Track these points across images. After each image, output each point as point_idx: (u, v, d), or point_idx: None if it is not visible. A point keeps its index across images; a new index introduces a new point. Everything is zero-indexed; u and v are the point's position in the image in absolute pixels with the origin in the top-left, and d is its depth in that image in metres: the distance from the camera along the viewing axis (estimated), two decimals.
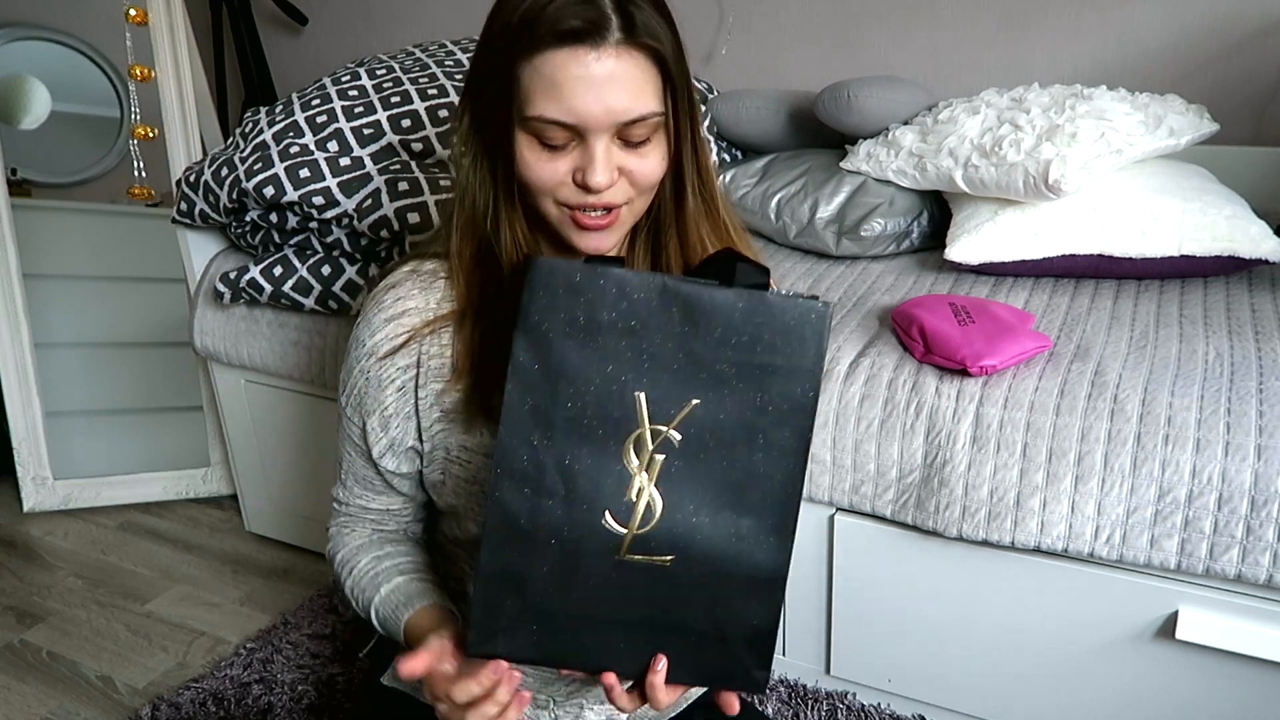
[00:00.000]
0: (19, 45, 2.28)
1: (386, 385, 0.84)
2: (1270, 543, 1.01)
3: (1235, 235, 1.34)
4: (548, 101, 0.72)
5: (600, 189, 0.74)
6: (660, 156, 0.77)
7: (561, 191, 0.76)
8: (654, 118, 0.74)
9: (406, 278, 0.85)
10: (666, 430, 0.70)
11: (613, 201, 0.76)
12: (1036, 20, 1.86)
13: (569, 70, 0.71)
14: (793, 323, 0.69)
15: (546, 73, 0.72)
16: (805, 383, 0.70)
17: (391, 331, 0.83)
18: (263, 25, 2.61)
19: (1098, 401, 1.09)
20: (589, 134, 0.73)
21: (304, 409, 1.64)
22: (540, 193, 0.77)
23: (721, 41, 2.16)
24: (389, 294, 0.85)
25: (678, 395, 0.69)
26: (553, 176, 0.75)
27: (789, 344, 0.69)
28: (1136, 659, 1.14)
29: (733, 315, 0.68)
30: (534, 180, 0.76)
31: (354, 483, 0.93)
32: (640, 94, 0.73)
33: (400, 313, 0.83)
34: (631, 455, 0.70)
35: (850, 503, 1.22)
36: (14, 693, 1.51)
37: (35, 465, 2.00)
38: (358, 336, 0.86)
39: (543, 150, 0.75)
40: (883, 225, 1.54)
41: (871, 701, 1.35)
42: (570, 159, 0.75)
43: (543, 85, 0.72)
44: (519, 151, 0.75)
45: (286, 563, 1.82)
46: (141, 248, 2.11)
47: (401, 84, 1.53)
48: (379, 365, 0.84)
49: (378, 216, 1.36)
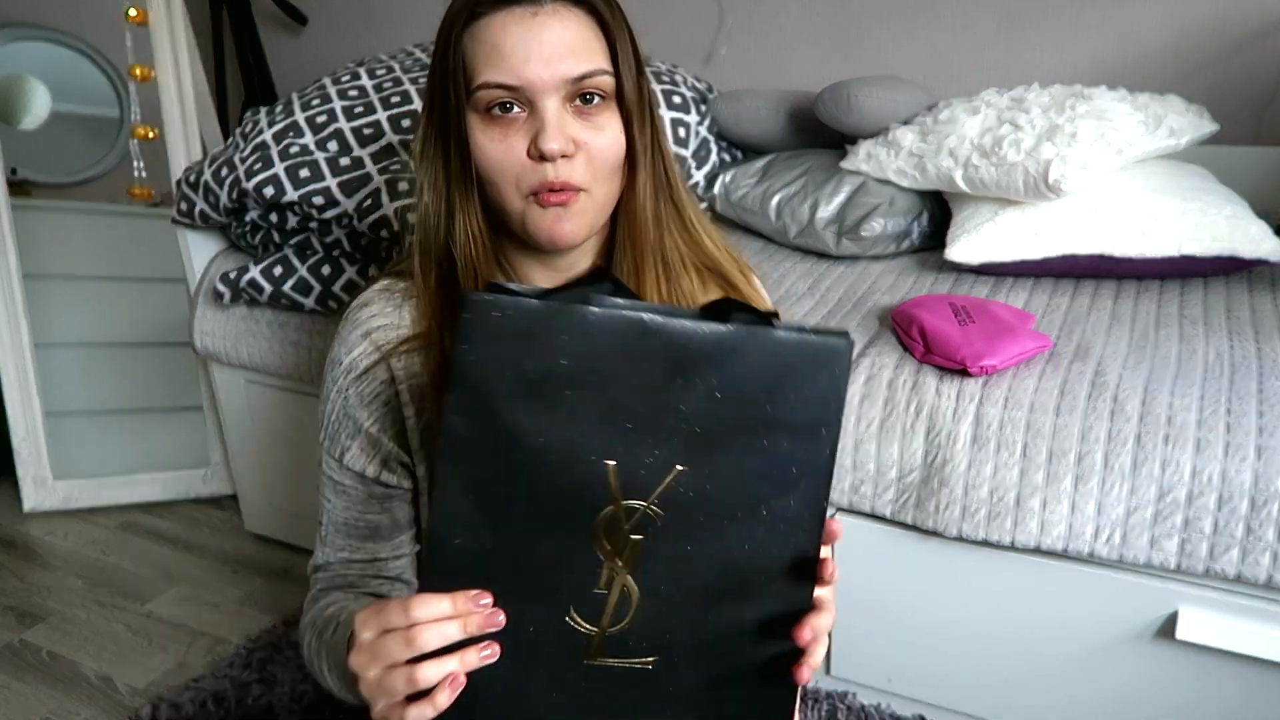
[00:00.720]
0: (19, 45, 2.28)
1: (370, 400, 0.81)
2: (1270, 543, 1.01)
3: (1235, 235, 1.34)
4: (490, 67, 0.71)
5: (554, 155, 0.71)
6: (617, 132, 0.75)
7: (523, 177, 0.73)
8: (600, 75, 0.72)
9: (378, 296, 0.83)
10: (645, 505, 0.56)
11: (571, 179, 0.73)
12: (1036, 20, 1.86)
13: (508, 31, 0.71)
14: (805, 364, 0.55)
15: (486, 38, 0.71)
16: (820, 439, 0.57)
17: (368, 348, 0.81)
18: (263, 25, 2.61)
19: (1098, 401, 1.09)
20: (537, 97, 0.71)
21: (304, 409, 1.64)
22: (501, 179, 0.74)
23: (721, 41, 2.16)
24: (362, 311, 0.83)
25: (659, 462, 0.56)
26: (508, 155, 0.73)
27: (800, 391, 0.55)
28: (1136, 659, 1.14)
29: (729, 357, 0.55)
30: (491, 165, 0.73)
31: (335, 534, 0.85)
32: (586, 50, 0.72)
33: (375, 328, 0.81)
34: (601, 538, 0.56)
35: (850, 503, 1.22)
36: (14, 693, 1.51)
37: (35, 465, 2.00)
38: (334, 358, 0.83)
39: (494, 128, 0.73)
40: (883, 225, 1.54)
41: (871, 701, 1.35)
42: (523, 134, 0.72)
43: (484, 52, 0.71)
44: (473, 137, 0.73)
45: (286, 563, 1.82)
46: (141, 248, 2.11)
47: (401, 84, 1.53)
48: (358, 382, 0.81)
49: (378, 216, 1.36)
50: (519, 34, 0.70)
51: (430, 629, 0.55)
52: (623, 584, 0.57)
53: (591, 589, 0.57)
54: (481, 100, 0.72)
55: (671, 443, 0.56)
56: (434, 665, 0.56)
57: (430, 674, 0.55)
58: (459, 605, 0.56)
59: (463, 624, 0.56)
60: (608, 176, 0.76)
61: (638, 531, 0.57)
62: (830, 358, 0.55)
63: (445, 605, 0.56)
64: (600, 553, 0.57)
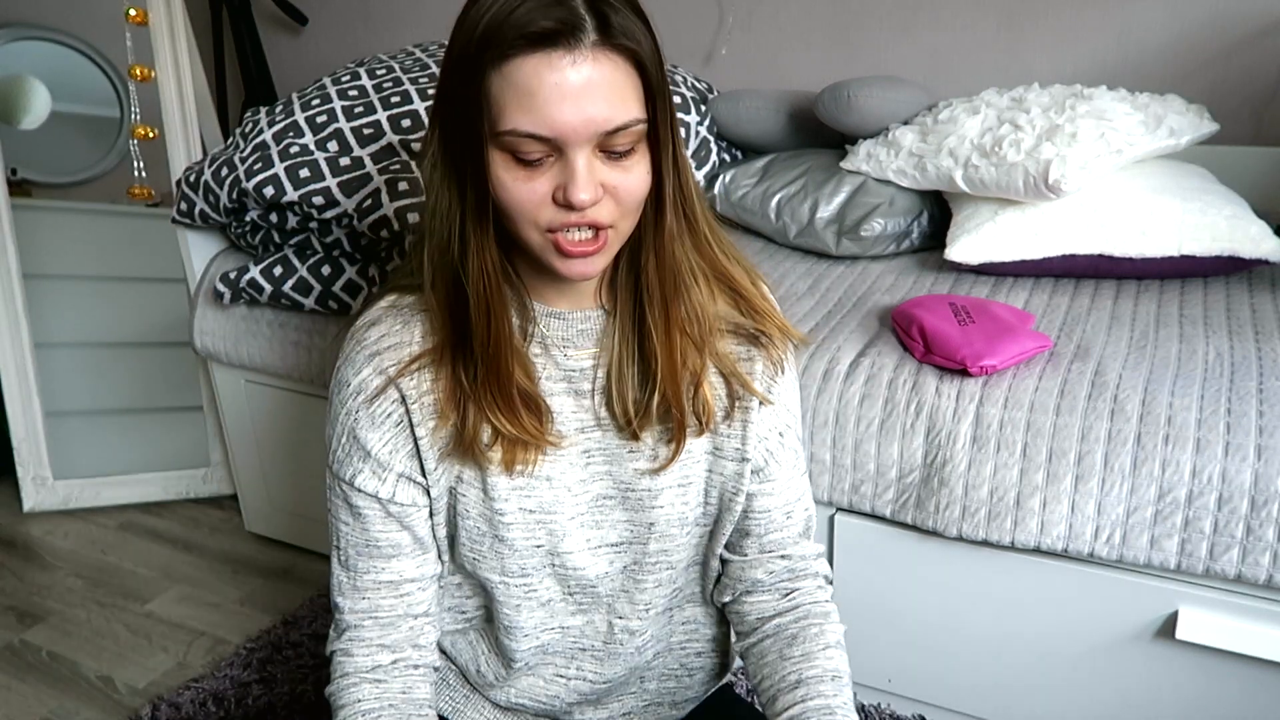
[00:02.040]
0: (19, 45, 2.28)
1: (381, 421, 0.79)
2: (1270, 543, 1.01)
3: (1235, 235, 1.34)
4: (521, 113, 0.66)
5: (583, 206, 0.68)
6: (645, 170, 0.71)
7: (543, 213, 0.70)
8: (636, 125, 0.69)
9: (385, 314, 0.80)
10: None
11: (598, 220, 0.70)
12: (1036, 20, 1.86)
13: (542, 77, 0.65)
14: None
15: (518, 81, 0.66)
16: None
17: (377, 367, 0.78)
18: (263, 25, 2.61)
19: (1098, 401, 1.09)
20: (568, 147, 0.67)
21: (304, 409, 1.64)
22: (520, 216, 0.71)
23: (721, 41, 2.16)
24: (370, 331, 0.80)
25: None
26: (530, 197, 0.69)
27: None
28: (1136, 659, 1.14)
29: None
30: (512, 203, 0.70)
31: (356, 556, 0.83)
32: (621, 100, 0.67)
33: (384, 349, 0.79)
34: None
35: (850, 503, 1.22)
36: (14, 693, 1.51)
37: (35, 465, 2.00)
38: (341, 379, 0.81)
39: (519, 168, 0.69)
40: (883, 225, 1.54)
41: (871, 701, 1.35)
42: (549, 177, 0.69)
43: (514, 96, 0.66)
44: (493, 172, 0.69)
45: (286, 563, 1.82)
46: (141, 248, 2.11)
47: (401, 84, 1.53)
48: (368, 405, 0.79)
49: (378, 216, 1.36)
50: (553, 81, 0.65)
51: None
52: None
53: None
54: (508, 145, 0.68)
55: None
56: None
57: None
58: None
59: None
60: (633, 212, 0.73)
61: None
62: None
63: None
64: None
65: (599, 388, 0.82)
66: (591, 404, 0.82)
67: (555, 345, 0.81)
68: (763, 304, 0.87)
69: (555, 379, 0.81)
